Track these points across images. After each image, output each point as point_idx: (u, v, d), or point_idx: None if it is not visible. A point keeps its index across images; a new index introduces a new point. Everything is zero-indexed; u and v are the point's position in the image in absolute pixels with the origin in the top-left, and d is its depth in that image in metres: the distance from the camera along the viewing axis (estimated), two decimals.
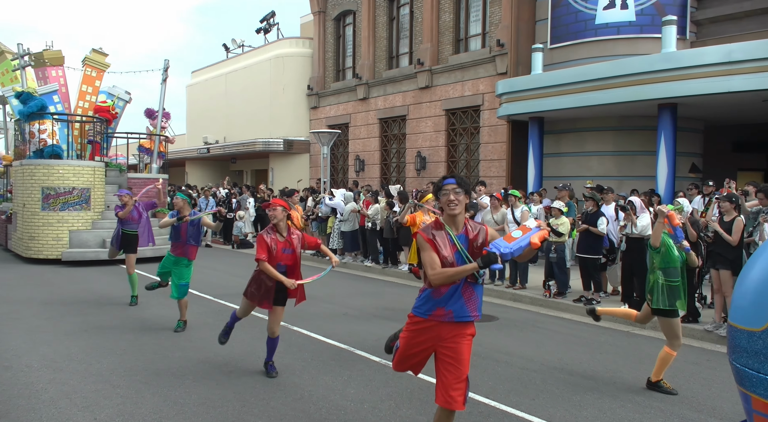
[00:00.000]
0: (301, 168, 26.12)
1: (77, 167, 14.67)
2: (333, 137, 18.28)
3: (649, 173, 14.14)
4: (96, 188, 14.87)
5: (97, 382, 5.73)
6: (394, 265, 13.48)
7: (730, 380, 6.10)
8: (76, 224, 14.52)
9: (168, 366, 6.27)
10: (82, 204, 14.48)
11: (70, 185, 14.41)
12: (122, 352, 6.80)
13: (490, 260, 3.45)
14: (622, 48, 14.72)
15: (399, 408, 5.14)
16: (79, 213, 14.56)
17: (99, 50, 18.23)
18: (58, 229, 14.35)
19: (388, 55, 22.18)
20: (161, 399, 5.31)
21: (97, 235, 14.53)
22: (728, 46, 11.75)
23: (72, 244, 14.38)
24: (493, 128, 17.88)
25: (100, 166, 15.17)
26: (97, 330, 7.87)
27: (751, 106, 13.18)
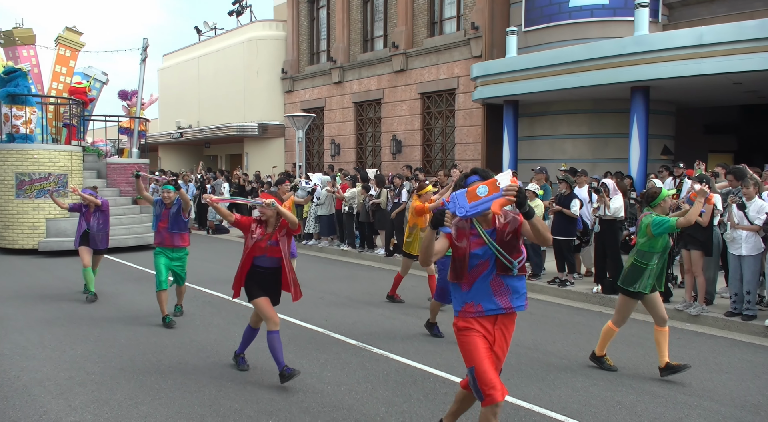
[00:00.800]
0: (276, 152, 25.91)
1: (53, 152, 13.94)
2: (308, 121, 18.15)
3: (622, 156, 14.31)
4: (74, 174, 14.19)
5: (71, 369, 5.67)
6: (370, 249, 13.49)
7: (699, 357, 6.25)
8: (53, 212, 13.79)
9: (143, 352, 6.22)
10: (59, 190, 13.67)
11: (45, 171, 13.70)
12: (96, 339, 6.72)
13: (438, 220, 3.22)
14: (596, 31, 14.78)
15: (375, 390, 5.18)
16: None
17: (73, 28, 17.32)
18: (33, 218, 13.68)
19: (362, 38, 22.01)
20: (136, 384, 5.28)
21: (75, 224, 13.50)
22: (699, 29, 11.87)
23: (49, 233, 13.76)
24: (469, 111, 17.90)
25: (77, 151, 14.49)
26: (70, 317, 7.76)
27: (721, 89, 13.37)
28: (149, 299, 8.74)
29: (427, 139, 19.69)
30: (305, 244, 15.04)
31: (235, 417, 4.61)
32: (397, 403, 4.87)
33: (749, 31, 11.11)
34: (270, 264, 5.42)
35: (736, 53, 11.20)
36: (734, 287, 7.55)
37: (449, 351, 6.37)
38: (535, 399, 5.01)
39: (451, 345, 6.56)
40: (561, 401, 4.98)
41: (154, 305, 8.41)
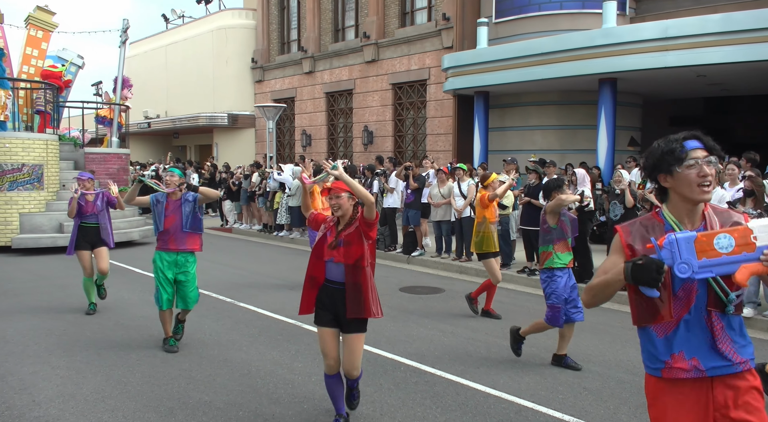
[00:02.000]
0: (246, 143, 25.65)
1: (27, 140, 12.80)
2: (278, 111, 17.99)
3: (590, 147, 14.50)
4: (50, 164, 13.10)
5: (35, 364, 5.56)
6: None
7: None
8: (27, 206, 12.80)
9: (110, 345, 6.13)
10: (33, 182, 12.73)
11: (19, 161, 12.58)
12: (61, 333, 6.59)
13: (645, 277, 2.04)
14: (565, 23, 14.93)
15: None
16: (31, 193, 12.82)
17: (45, 8, 16.18)
18: (6, 212, 12.63)
19: (333, 28, 21.86)
20: (103, 378, 5.20)
21: (53, 218, 12.88)
22: (664, 23, 12.07)
23: (23, 229, 12.71)
24: (440, 102, 17.94)
25: (53, 139, 13.43)
26: (35, 311, 7.60)
27: (686, 82, 13.63)
28: (117, 293, 8.61)
29: (398, 130, 19.70)
30: (276, 236, 14.95)
31: (205, 409, 4.57)
32: (368, 393, 4.88)
33: (713, 25, 11.33)
34: (336, 277, 4.03)
35: (699, 46, 11.43)
36: None
37: (419, 340, 6.41)
38: (504, 386, 5.07)
39: (421, 334, 6.61)
40: (530, 388, 5.05)
41: (121, 298, 8.30)
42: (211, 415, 4.46)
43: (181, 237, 5.80)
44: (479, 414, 4.51)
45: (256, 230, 15.95)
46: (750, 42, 10.95)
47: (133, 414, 4.46)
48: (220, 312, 7.55)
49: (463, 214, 10.70)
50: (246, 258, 12.00)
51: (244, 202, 16.44)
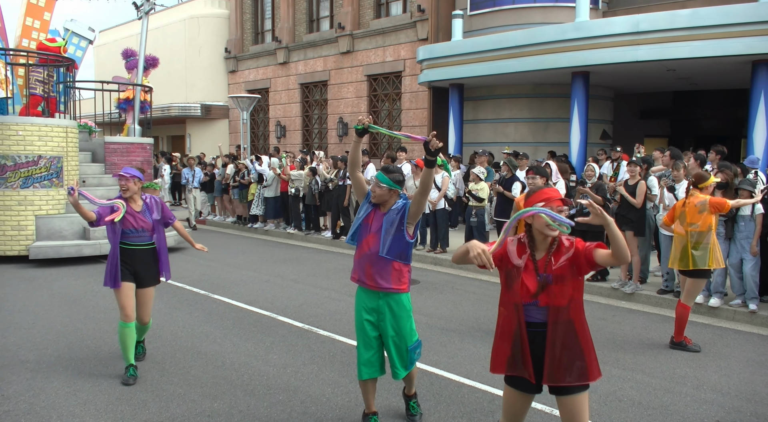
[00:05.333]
0: (219, 134, 25.38)
1: (44, 127, 10.65)
2: (252, 102, 17.83)
3: (562, 140, 14.68)
4: (69, 156, 10.99)
5: (4, 358, 5.46)
6: (316, 232, 13.45)
7: (633, 333, 6.54)
8: (44, 207, 10.63)
9: (80, 338, 6.05)
10: (51, 178, 10.62)
11: (34, 152, 10.47)
12: (30, 326, 6.49)
13: None
14: (538, 16, 15.06)
15: (321, 372, 5.20)
16: (48, 191, 10.64)
17: None
18: (19, 215, 10.43)
19: (308, 19, 21.70)
20: (74, 372, 5.14)
21: (74, 222, 10.81)
22: (635, 17, 12.25)
23: (40, 235, 10.55)
24: (415, 94, 17.97)
25: (72, 126, 11.29)
26: (1, 304, 7.46)
27: (656, 76, 13.86)
28: (84, 282, 8.49)
29: (374, 122, 19.65)
30: (250, 227, 14.86)
31: (179, 401, 4.55)
32: (343, 383, 4.91)
33: (682, 20, 11.54)
34: (539, 318, 2.94)
35: (669, 41, 11.64)
36: (665, 266, 7.90)
37: None
38: (478, 376, 5.14)
39: None
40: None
41: (90, 289, 8.18)
42: (185, 407, 4.45)
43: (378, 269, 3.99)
44: (453, 404, 4.56)
45: (230, 222, 15.82)
46: (717, 37, 11.19)
47: (106, 407, 4.43)
48: (193, 304, 7.49)
49: (437, 206, 10.76)
50: (219, 250, 11.92)
51: (218, 194, 16.29)
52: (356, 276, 4.04)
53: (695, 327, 6.79)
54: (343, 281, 8.98)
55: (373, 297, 3.97)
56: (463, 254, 2.87)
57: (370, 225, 3.98)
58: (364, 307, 4.00)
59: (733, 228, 7.19)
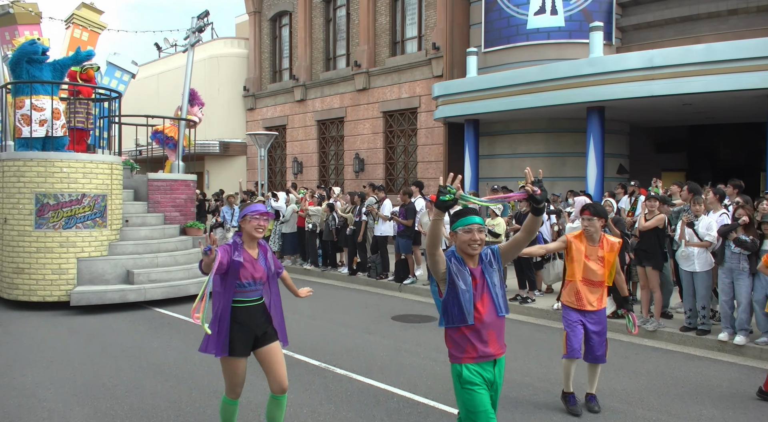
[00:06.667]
0: (237, 170, 25.68)
1: (89, 163, 10.03)
2: (270, 139, 18.06)
3: (579, 174, 14.64)
4: (113, 194, 10.39)
5: (21, 396, 5.46)
6: (333, 268, 13.43)
7: (656, 371, 6.39)
8: (86, 249, 9.94)
9: (97, 376, 6.05)
10: (95, 218, 10.01)
11: (78, 190, 9.84)
12: (48, 363, 6.50)
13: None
14: (552, 52, 15.19)
15: (338, 411, 5.14)
16: (92, 231, 9.99)
17: (91, 5, 14.05)
18: (61, 257, 9.69)
19: (325, 57, 22.11)
20: (91, 410, 5.12)
21: (117, 264, 10.12)
22: (649, 53, 12.32)
23: (81, 279, 9.81)
24: (430, 130, 18.10)
25: (117, 162, 10.71)
26: (20, 340, 7.50)
27: (672, 109, 13.85)
28: (102, 320, 8.51)
29: (389, 157, 19.81)
30: None
31: None
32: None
33: (696, 55, 11.58)
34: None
35: (684, 76, 11.66)
36: (688, 303, 7.76)
37: (412, 369, 6.37)
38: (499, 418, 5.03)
39: (413, 363, 6.57)
40: (524, 419, 5.02)
41: (108, 325, 8.20)
42: None
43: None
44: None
45: None
46: (732, 72, 11.20)
47: None
48: None
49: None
50: None
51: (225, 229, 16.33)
52: (472, 354, 3.39)
53: (721, 366, 6.63)
54: (359, 317, 8.92)
55: (488, 367, 3.46)
56: None
57: (474, 289, 3.43)
58: (485, 383, 3.44)
59: (757, 264, 7.06)
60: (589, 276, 5.12)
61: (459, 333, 3.40)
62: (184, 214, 12.20)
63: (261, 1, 24.70)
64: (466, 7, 17.27)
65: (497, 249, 3.55)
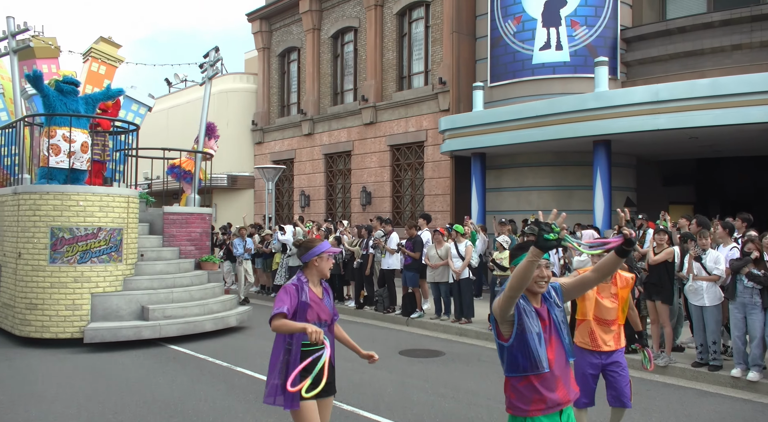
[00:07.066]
0: (245, 203, 25.81)
1: (105, 197, 9.91)
2: (278, 173, 18.21)
3: (586, 207, 14.61)
4: (129, 228, 10.19)
5: None
6: (340, 301, 13.37)
7: (669, 408, 6.28)
8: (101, 284, 9.72)
9: (102, 412, 5.99)
10: (110, 252, 9.81)
11: (94, 224, 9.68)
12: (53, 399, 6.46)
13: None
14: (558, 87, 15.33)
15: None
16: (107, 266, 9.79)
17: (109, 39, 14.17)
18: (75, 293, 9.49)
19: (332, 91, 22.39)
20: None
21: (132, 300, 9.88)
22: (655, 87, 12.41)
23: (95, 315, 9.55)
24: (437, 163, 18.19)
25: (134, 196, 10.60)
26: (25, 375, 7.46)
27: (678, 143, 13.88)
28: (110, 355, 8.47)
29: (396, 191, 19.88)
30: (273, 297, 14.83)
31: None
32: None
33: (701, 89, 11.65)
34: None
35: (690, 109, 11.71)
36: (699, 338, 7.66)
37: (420, 405, 6.28)
38: None
39: (421, 399, 6.48)
40: None
41: (116, 361, 8.15)
42: None
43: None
44: None
45: (253, 291, 15.83)
46: (738, 105, 11.24)
47: None
48: (216, 376, 7.42)
49: (461, 276, 10.67)
50: None
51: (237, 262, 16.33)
52: (540, 405, 3.07)
53: (735, 403, 6.50)
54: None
55: (556, 418, 3.14)
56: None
57: (543, 332, 3.12)
58: None
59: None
60: (603, 315, 4.74)
61: (525, 381, 3.08)
62: (200, 248, 12.00)
63: (270, 38, 25.17)
64: (472, 42, 17.52)
65: (560, 287, 3.26)
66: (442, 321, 10.92)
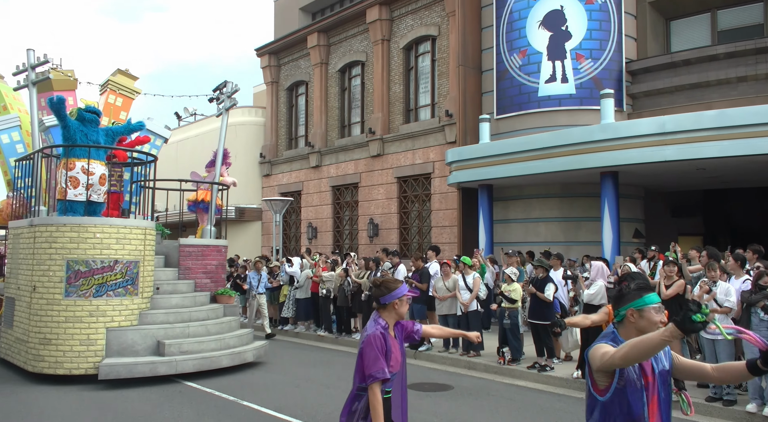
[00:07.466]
0: (252, 235, 25.85)
1: (122, 229, 9.70)
2: (285, 205, 18.28)
3: (594, 239, 14.55)
4: (146, 261, 9.98)
5: None
6: (347, 334, 13.26)
7: None
8: (117, 318, 9.43)
9: None
10: (126, 285, 9.58)
11: (111, 257, 9.48)
12: None
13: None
14: (564, 119, 15.42)
15: None
16: (122, 300, 9.54)
17: (126, 71, 14.39)
18: (90, 327, 9.18)
19: (340, 124, 22.60)
20: None
21: (147, 335, 9.54)
22: (661, 118, 12.45)
23: (110, 350, 9.20)
24: (444, 195, 18.22)
25: (151, 227, 10.37)
26: (30, 409, 7.39)
27: (686, 174, 13.87)
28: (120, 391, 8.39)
29: (403, 222, 19.88)
30: (281, 329, 14.74)
31: None
32: None
33: (708, 121, 11.69)
34: None
35: (697, 141, 11.73)
36: None
37: None
38: None
39: None
40: None
41: (123, 396, 8.07)
42: None
43: None
44: None
45: (259, 324, 15.73)
46: (745, 137, 11.25)
47: None
48: (221, 411, 7.32)
49: (469, 308, 10.59)
50: None
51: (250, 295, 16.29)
52: None
53: None
54: None
55: None
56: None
57: (646, 389, 2.82)
58: None
59: None
60: None
61: None
62: (215, 281, 11.74)
63: (279, 72, 25.55)
64: (478, 75, 17.71)
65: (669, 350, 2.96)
66: (450, 354, 10.79)
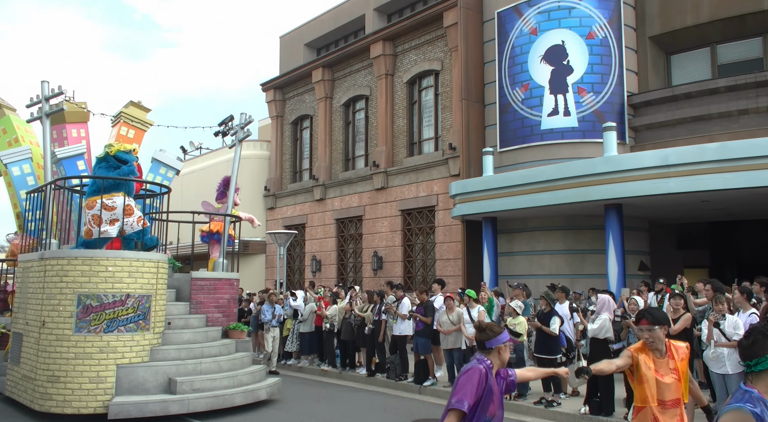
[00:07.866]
0: (257, 269, 25.80)
1: (135, 262, 9.41)
2: (289, 238, 18.28)
3: (599, 271, 14.47)
4: (158, 295, 9.68)
5: None
6: (351, 368, 13.11)
7: None
8: (127, 354, 9.07)
9: None
10: (138, 320, 9.24)
11: (122, 290, 9.17)
12: None
13: None
14: (567, 151, 15.50)
15: None
16: (134, 335, 9.21)
17: (138, 103, 14.35)
18: (100, 364, 8.82)
19: (344, 158, 22.76)
20: None
21: (159, 372, 9.20)
22: (664, 151, 12.51)
23: (120, 388, 8.84)
24: (448, 228, 18.21)
25: (163, 260, 10.12)
26: None
27: (690, 206, 13.86)
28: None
29: (407, 255, 19.83)
30: (284, 364, 14.59)
31: None
32: None
33: (711, 153, 11.75)
34: None
35: (700, 173, 11.77)
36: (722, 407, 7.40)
37: None
38: None
39: None
40: None
41: None
42: None
43: None
44: None
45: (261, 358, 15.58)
46: (748, 169, 11.28)
47: None
48: None
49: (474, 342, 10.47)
50: None
51: (253, 329, 16.17)
52: None
53: None
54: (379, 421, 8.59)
55: None
56: None
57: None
58: None
59: None
60: (666, 396, 4.13)
61: None
62: (227, 315, 11.44)
63: (283, 106, 25.85)
64: (481, 109, 17.88)
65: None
66: None
